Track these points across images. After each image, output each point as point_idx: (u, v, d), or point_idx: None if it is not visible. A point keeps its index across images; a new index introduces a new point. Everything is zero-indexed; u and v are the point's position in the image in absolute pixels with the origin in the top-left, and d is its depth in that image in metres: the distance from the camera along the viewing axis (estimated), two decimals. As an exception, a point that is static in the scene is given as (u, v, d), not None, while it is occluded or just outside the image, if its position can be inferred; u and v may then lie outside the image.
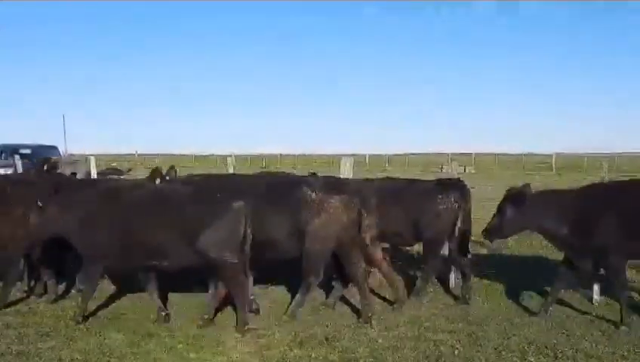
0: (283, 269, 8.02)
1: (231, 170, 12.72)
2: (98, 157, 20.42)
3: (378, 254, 7.72)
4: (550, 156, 50.26)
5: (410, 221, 8.00)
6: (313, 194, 7.01)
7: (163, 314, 7.00)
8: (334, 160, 36.35)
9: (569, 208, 7.07)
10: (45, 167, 9.15)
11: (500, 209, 7.33)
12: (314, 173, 8.97)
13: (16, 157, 15.07)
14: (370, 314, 6.98)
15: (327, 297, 7.76)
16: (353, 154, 41.28)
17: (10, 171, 17.84)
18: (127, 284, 8.02)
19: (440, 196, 7.93)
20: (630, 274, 8.08)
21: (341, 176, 9.08)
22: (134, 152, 65.70)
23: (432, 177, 9.08)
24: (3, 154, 23.43)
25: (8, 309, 7.33)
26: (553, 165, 46.07)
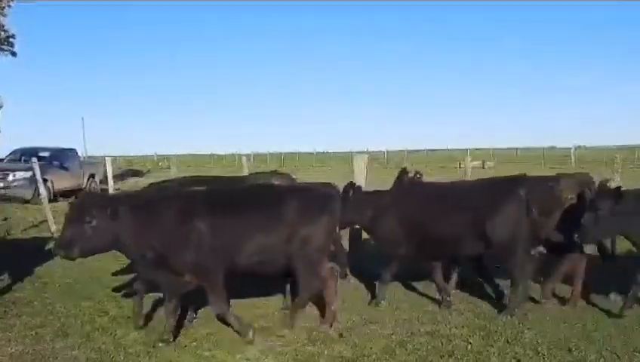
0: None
1: (245, 170, 12.81)
2: (117, 158, 20.54)
3: None
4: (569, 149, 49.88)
5: None
6: None
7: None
8: (350, 157, 36.12)
9: None
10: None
11: None
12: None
13: (34, 160, 15.18)
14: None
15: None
16: (370, 151, 41.21)
17: (29, 174, 18.00)
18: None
19: None
20: None
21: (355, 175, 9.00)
22: (153, 153, 66.43)
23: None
24: (23, 158, 23.64)
25: (26, 309, 7.47)
26: (572, 159, 45.62)
